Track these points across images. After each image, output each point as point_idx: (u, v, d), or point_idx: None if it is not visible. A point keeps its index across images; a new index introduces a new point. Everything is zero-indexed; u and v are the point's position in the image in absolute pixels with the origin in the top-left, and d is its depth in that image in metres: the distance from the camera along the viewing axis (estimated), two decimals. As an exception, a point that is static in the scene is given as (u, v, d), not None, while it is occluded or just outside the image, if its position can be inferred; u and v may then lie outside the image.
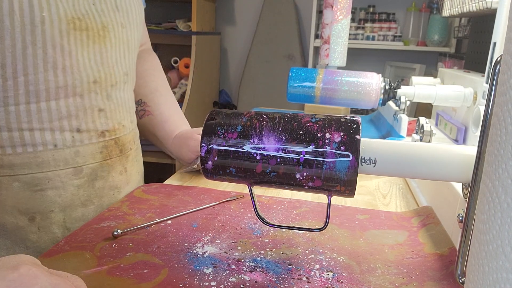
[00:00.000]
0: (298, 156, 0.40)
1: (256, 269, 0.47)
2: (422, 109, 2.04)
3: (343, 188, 0.40)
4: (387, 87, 0.82)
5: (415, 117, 1.07)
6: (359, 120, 0.41)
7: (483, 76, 0.75)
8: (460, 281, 0.40)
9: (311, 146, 0.39)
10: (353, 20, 2.52)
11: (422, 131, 0.71)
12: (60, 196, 0.61)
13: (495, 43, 0.62)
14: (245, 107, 2.71)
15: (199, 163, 0.79)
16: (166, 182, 0.77)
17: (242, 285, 0.44)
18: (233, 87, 2.88)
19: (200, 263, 0.48)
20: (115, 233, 0.53)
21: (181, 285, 0.44)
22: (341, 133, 0.39)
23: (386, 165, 0.42)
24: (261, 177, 0.42)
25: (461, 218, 0.48)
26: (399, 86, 0.82)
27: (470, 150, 0.42)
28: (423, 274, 0.47)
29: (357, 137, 0.39)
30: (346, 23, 1.01)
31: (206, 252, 0.51)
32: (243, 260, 0.49)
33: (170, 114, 0.84)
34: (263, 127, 0.41)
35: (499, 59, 0.31)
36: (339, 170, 0.39)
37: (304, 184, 0.41)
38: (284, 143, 0.40)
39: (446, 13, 1.02)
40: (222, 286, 0.44)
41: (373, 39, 2.45)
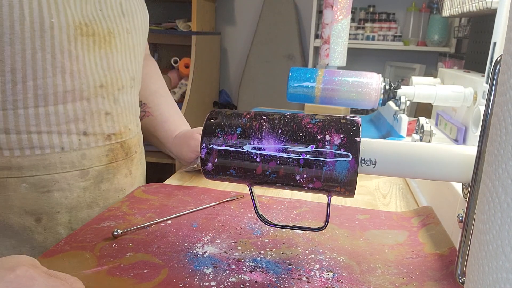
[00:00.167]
0: (298, 158, 0.40)
1: (256, 269, 0.47)
2: (422, 109, 2.04)
3: (343, 189, 0.41)
4: (387, 87, 0.82)
5: (415, 117, 1.07)
6: (359, 121, 0.41)
7: (483, 76, 0.75)
8: (460, 281, 0.40)
9: (311, 148, 0.39)
10: (353, 20, 2.52)
11: (422, 131, 0.71)
12: (66, 198, 0.61)
13: (495, 43, 0.62)
14: (245, 107, 2.71)
15: (199, 162, 0.79)
16: (166, 182, 0.78)
17: (242, 285, 0.44)
18: (233, 87, 2.88)
19: (200, 263, 0.48)
20: (115, 233, 0.53)
21: (181, 285, 0.44)
22: (341, 135, 0.39)
23: (386, 165, 0.42)
24: (261, 178, 0.42)
25: (461, 218, 0.48)
26: (399, 87, 0.82)
27: (470, 150, 0.42)
28: (423, 274, 0.47)
29: (357, 139, 0.39)
30: (346, 23, 1.01)
31: (206, 252, 0.51)
32: (243, 260, 0.49)
33: (170, 114, 0.85)
34: (262, 128, 0.41)
35: (499, 59, 0.31)
36: (339, 172, 0.39)
37: (304, 185, 0.41)
38: (283, 145, 0.40)
39: (446, 13, 1.02)
40: (222, 286, 0.44)
41: (373, 39, 2.45)
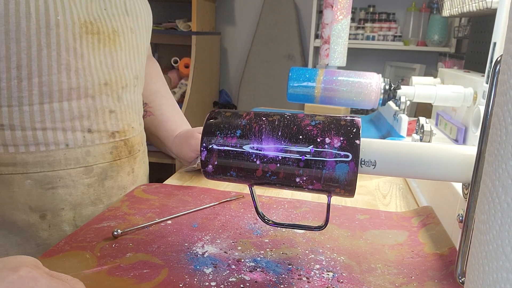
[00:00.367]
0: (298, 161, 0.40)
1: (256, 269, 0.47)
2: (422, 109, 2.04)
3: (342, 191, 0.41)
4: (387, 87, 0.82)
5: (415, 117, 1.07)
6: (359, 122, 0.41)
7: (483, 76, 0.75)
8: (460, 281, 0.40)
9: (311, 151, 0.40)
10: (353, 20, 2.52)
11: (422, 131, 0.71)
12: (71, 194, 0.62)
13: (495, 43, 0.62)
14: (245, 107, 2.71)
15: (199, 162, 0.79)
16: (166, 182, 0.77)
17: (242, 285, 0.44)
18: (233, 87, 2.88)
19: (200, 263, 0.48)
20: (115, 233, 0.53)
21: (181, 285, 0.44)
22: (341, 138, 0.39)
23: (386, 165, 0.42)
24: (261, 179, 0.42)
25: (461, 218, 0.48)
26: (399, 87, 0.82)
27: (470, 150, 0.42)
28: (423, 274, 0.47)
29: (356, 142, 0.39)
30: (346, 23, 1.01)
31: (206, 252, 0.51)
32: (243, 260, 0.49)
33: (171, 114, 0.85)
34: (262, 131, 0.41)
35: (499, 59, 0.31)
36: (339, 174, 0.40)
37: (304, 186, 0.41)
38: (283, 147, 0.40)
39: (446, 13, 1.02)
40: (222, 286, 0.44)
41: (373, 39, 2.45)
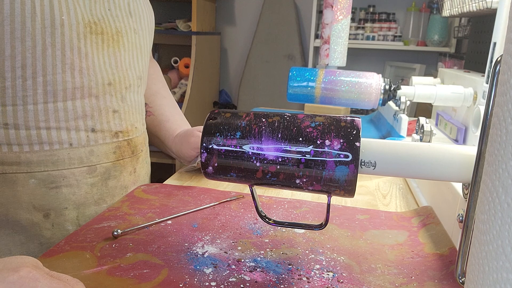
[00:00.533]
0: (297, 163, 0.40)
1: (256, 269, 0.47)
2: (422, 109, 2.04)
3: (342, 192, 0.41)
4: (387, 87, 0.82)
5: (415, 117, 1.07)
6: (359, 124, 0.41)
7: (483, 76, 0.75)
8: (460, 281, 0.40)
9: (311, 153, 0.40)
10: (353, 20, 2.52)
11: (422, 131, 0.71)
12: (74, 194, 0.62)
13: (495, 43, 0.62)
14: (245, 107, 2.71)
15: (198, 161, 0.79)
16: (166, 182, 0.77)
17: (242, 285, 0.44)
18: (233, 87, 2.88)
19: (200, 263, 0.48)
20: (115, 233, 0.53)
21: (181, 285, 0.44)
22: (341, 140, 0.39)
23: (386, 166, 0.42)
24: (261, 180, 0.42)
25: (461, 218, 0.48)
26: (399, 87, 0.82)
27: (470, 150, 0.42)
28: (423, 274, 0.47)
29: (356, 144, 0.39)
30: (346, 23, 1.01)
31: (206, 252, 0.51)
32: (243, 260, 0.49)
33: (171, 114, 0.85)
34: (262, 132, 0.41)
35: (499, 59, 0.31)
36: (339, 176, 0.40)
37: (304, 187, 0.42)
38: (283, 150, 0.40)
39: (446, 13, 1.02)
40: (222, 286, 0.44)
41: (373, 39, 2.45)
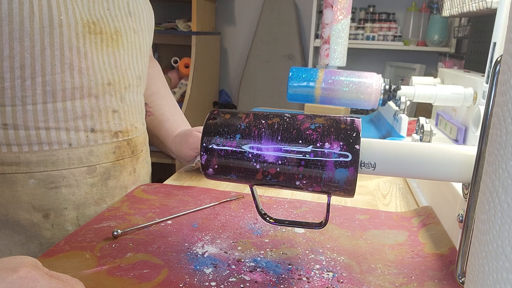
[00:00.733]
0: (297, 165, 0.40)
1: (256, 269, 0.47)
2: (422, 109, 2.05)
3: (342, 193, 0.41)
4: (387, 87, 0.82)
5: (415, 117, 1.07)
6: (359, 125, 0.41)
7: (483, 76, 0.75)
8: (460, 281, 0.40)
9: (310, 155, 0.40)
10: (353, 20, 2.52)
11: (422, 131, 0.71)
12: (74, 194, 0.62)
13: (495, 43, 0.62)
14: (245, 107, 2.71)
15: (197, 161, 0.79)
16: (166, 182, 0.77)
17: (242, 285, 0.44)
18: (233, 87, 2.88)
19: (200, 263, 0.48)
20: (115, 233, 0.53)
21: (181, 285, 0.44)
22: (341, 143, 0.39)
23: (385, 166, 0.42)
24: (261, 181, 0.43)
25: (461, 218, 0.48)
26: (399, 88, 0.82)
27: (470, 150, 0.42)
28: (423, 274, 0.47)
29: (356, 147, 0.39)
30: (346, 23, 1.01)
31: (206, 252, 0.51)
32: (243, 260, 0.49)
33: (171, 114, 0.85)
34: (262, 135, 0.41)
35: (499, 59, 0.31)
36: (338, 178, 0.40)
37: (304, 188, 0.42)
38: (283, 152, 0.40)
39: (446, 13, 1.02)
40: (222, 286, 0.44)
41: (373, 39, 2.45)
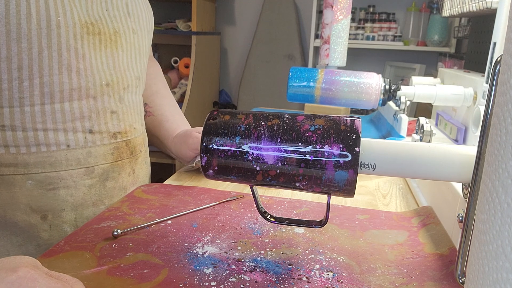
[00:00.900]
0: (297, 167, 0.40)
1: (256, 269, 0.47)
2: (422, 109, 2.04)
3: (342, 194, 0.42)
4: (387, 87, 0.82)
5: (415, 117, 1.07)
6: (359, 127, 0.41)
7: (483, 76, 0.75)
8: (460, 281, 0.40)
9: (310, 158, 0.40)
10: (353, 20, 2.52)
11: (422, 131, 0.71)
12: (72, 195, 0.62)
13: (495, 43, 0.62)
14: (245, 107, 2.71)
15: (197, 161, 0.79)
16: (166, 182, 0.77)
17: (242, 285, 0.44)
18: (233, 87, 2.88)
19: (200, 263, 0.48)
20: (115, 233, 0.53)
21: (181, 285, 0.44)
22: (340, 145, 0.40)
23: (385, 166, 0.42)
24: (262, 182, 0.43)
25: (461, 218, 0.48)
26: (399, 88, 0.82)
27: (470, 150, 0.42)
28: (423, 274, 0.47)
29: (356, 149, 0.39)
30: (346, 23, 1.01)
31: (206, 252, 0.51)
32: (243, 260, 0.49)
33: (171, 114, 0.85)
34: (261, 137, 0.41)
35: (499, 59, 0.31)
36: (338, 180, 0.40)
37: (303, 189, 0.42)
38: (283, 154, 0.41)
39: (446, 13, 1.02)
40: (222, 286, 0.44)
41: (373, 39, 2.45)
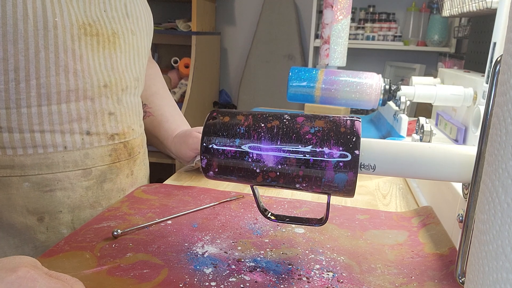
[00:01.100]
0: (297, 170, 0.40)
1: (256, 269, 0.47)
2: (422, 109, 2.04)
3: (342, 194, 0.42)
4: (387, 87, 0.82)
5: (415, 117, 1.07)
6: (359, 128, 0.40)
7: (483, 76, 0.75)
8: (460, 281, 0.40)
9: (310, 161, 0.40)
10: (353, 20, 2.52)
11: (422, 131, 0.71)
12: (69, 197, 0.61)
13: (495, 43, 0.62)
14: (245, 107, 2.71)
15: (197, 161, 0.79)
16: (166, 182, 0.77)
17: (242, 285, 0.44)
18: (233, 87, 2.88)
19: (200, 263, 0.48)
20: (115, 233, 0.53)
21: (181, 285, 0.44)
22: (340, 148, 0.40)
23: (385, 166, 0.42)
24: (262, 183, 0.43)
25: (461, 218, 0.48)
26: (399, 88, 0.82)
27: (470, 150, 0.42)
28: (423, 274, 0.47)
29: (356, 152, 0.39)
30: (346, 23, 1.01)
31: (206, 252, 0.51)
32: (243, 260, 0.49)
33: (170, 114, 0.85)
34: (261, 139, 0.41)
35: (499, 59, 0.31)
36: (338, 182, 0.40)
37: (303, 190, 0.42)
38: (282, 157, 0.41)
39: (446, 13, 1.02)
40: (222, 286, 0.44)
41: (373, 39, 2.45)
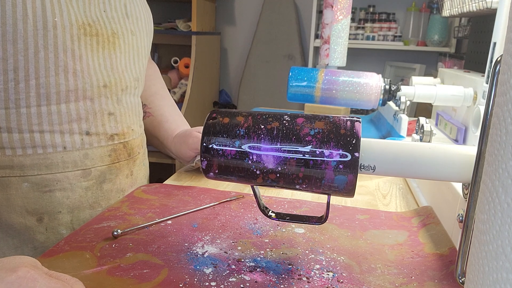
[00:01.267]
0: (297, 172, 0.41)
1: (256, 269, 0.47)
2: (422, 109, 2.04)
3: (341, 195, 0.42)
4: (387, 87, 0.82)
5: (415, 117, 1.07)
6: (359, 130, 0.40)
7: (483, 76, 0.75)
8: (460, 281, 0.40)
9: (310, 162, 0.40)
10: (353, 20, 2.52)
11: (422, 131, 0.71)
12: (68, 197, 0.61)
13: (495, 43, 0.62)
14: (245, 107, 2.71)
15: (197, 161, 0.79)
16: (166, 182, 0.77)
17: (242, 285, 0.44)
18: (233, 87, 2.88)
19: (200, 263, 0.48)
20: (115, 233, 0.53)
21: (181, 285, 0.44)
22: (340, 150, 0.40)
23: (385, 167, 0.42)
24: (262, 184, 0.43)
25: (461, 218, 0.48)
26: (399, 89, 0.82)
27: (470, 150, 0.42)
28: (423, 274, 0.47)
29: (355, 154, 0.39)
30: (346, 23, 1.01)
31: (206, 252, 0.51)
32: (243, 260, 0.49)
33: (170, 114, 0.85)
34: (261, 141, 0.41)
35: (499, 59, 0.31)
36: (337, 184, 0.40)
37: (303, 191, 0.43)
38: (282, 159, 0.41)
39: (446, 13, 1.02)
40: (222, 286, 0.44)
41: (373, 39, 2.45)
